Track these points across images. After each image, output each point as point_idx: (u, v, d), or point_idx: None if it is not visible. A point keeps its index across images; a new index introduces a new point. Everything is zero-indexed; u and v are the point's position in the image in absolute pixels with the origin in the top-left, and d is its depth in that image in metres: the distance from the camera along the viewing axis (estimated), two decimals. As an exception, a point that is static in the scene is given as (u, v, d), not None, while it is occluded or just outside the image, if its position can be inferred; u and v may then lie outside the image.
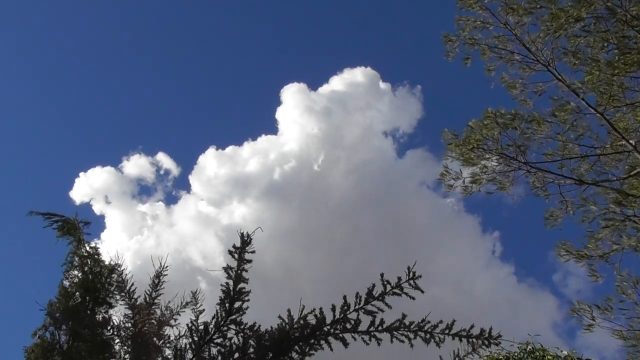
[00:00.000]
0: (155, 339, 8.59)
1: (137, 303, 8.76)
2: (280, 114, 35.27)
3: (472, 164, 13.12)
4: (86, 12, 37.72)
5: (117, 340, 8.67)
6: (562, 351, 11.26)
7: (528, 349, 11.22)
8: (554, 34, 12.57)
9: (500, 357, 10.86)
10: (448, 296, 28.88)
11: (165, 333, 8.69)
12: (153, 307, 8.80)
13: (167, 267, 9.02)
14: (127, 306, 8.76)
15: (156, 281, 8.95)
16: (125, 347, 8.57)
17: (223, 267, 6.03)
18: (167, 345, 8.60)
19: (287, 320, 5.64)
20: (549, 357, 11.03)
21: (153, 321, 8.64)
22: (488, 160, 12.87)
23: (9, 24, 35.76)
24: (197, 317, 7.64)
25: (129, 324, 8.62)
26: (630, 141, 11.78)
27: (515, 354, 11.23)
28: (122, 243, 30.56)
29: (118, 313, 9.05)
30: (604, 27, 12.15)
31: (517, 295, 33.17)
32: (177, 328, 8.68)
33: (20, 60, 37.27)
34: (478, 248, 34.40)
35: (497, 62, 13.52)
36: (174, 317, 8.77)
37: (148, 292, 8.86)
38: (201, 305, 8.33)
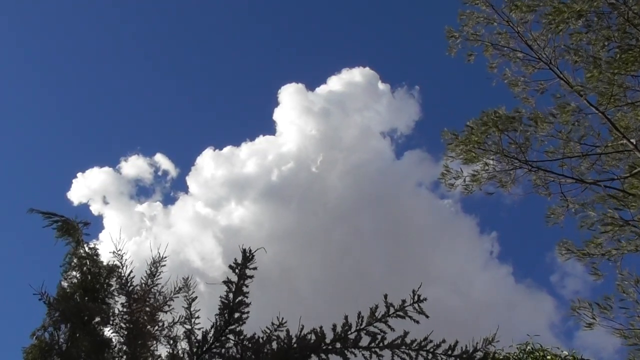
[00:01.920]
0: (149, 326, 8.57)
1: (134, 291, 8.72)
2: (278, 114, 35.07)
3: (473, 162, 13.07)
4: (85, 12, 37.55)
5: (112, 331, 8.65)
6: (562, 351, 11.33)
7: (527, 349, 11.27)
8: (555, 29, 12.47)
9: (500, 358, 10.89)
10: (446, 297, 28.94)
11: (159, 319, 8.67)
12: (149, 294, 8.77)
13: (165, 257, 8.98)
14: (124, 293, 8.72)
15: (153, 269, 8.90)
16: (121, 337, 8.56)
17: (223, 281, 5.99)
18: (162, 333, 8.59)
19: (285, 341, 5.60)
20: (549, 357, 11.07)
21: (147, 308, 8.63)
22: (489, 159, 12.82)
23: (7, 24, 35.57)
24: (189, 304, 7.62)
25: (125, 311, 8.60)
26: (631, 140, 11.72)
27: (515, 354, 11.28)
28: (120, 244, 30.32)
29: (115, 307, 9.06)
30: (606, 24, 12.07)
31: (514, 295, 33.24)
32: (170, 314, 8.66)
33: (18, 61, 37.08)
34: (476, 248, 34.42)
35: (500, 60, 13.47)
36: (167, 302, 8.74)
37: (144, 280, 8.81)
38: (193, 292, 8.29)
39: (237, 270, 5.87)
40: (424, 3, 39.12)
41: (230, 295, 6.08)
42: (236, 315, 6.31)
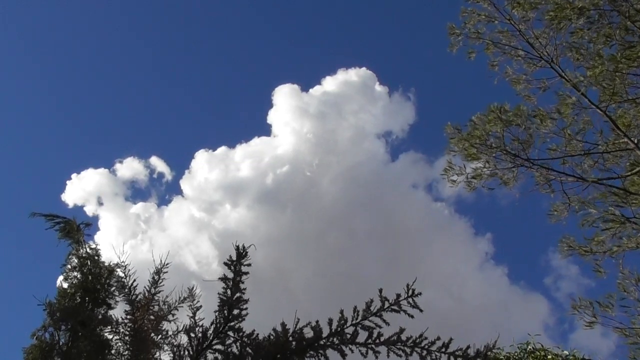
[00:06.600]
0: (153, 334, 8.60)
1: (137, 299, 8.76)
2: (273, 115, 34.84)
3: (475, 158, 13.02)
4: (81, 14, 37.72)
5: (116, 338, 8.68)
6: (562, 351, 11.31)
7: (528, 349, 11.26)
8: (557, 26, 12.44)
9: (501, 357, 10.88)
10: (441, 298, 28.88)
11: (163, 328, 8.70)
12: (152, 302, 8.80)
13: (167, 264, 9.03)
14: (126, 302, 8.75)
15: (156, 277, 8.94)
16: (124, 344, 8.58)
17: (220, 278, 6.02)
18: (165, 341, 8.62)
19: (281, 334, 5.62)
20: (550, 356, 11.06)
21: (151, 317, 8.66)
22: (490, 156, 12.77)
23: (4, 25, 35.60)
24: (194, 314, 7.65)
25: (128, 319, 8.62)
26: (632, 139, 11.68)
27: (516, 354, 11.27)
28: (116, 247, 30.13)
29: (117, 312, 9.09)
30: (607, 21, 12.04)
31: (509, 297, 33.12)
32: (175, 323, 8.70)
33: (14, 62, 37.19)
34: (471, 250, 34.29)
35: (501, 57, 13.41)
36: (171, 312, 8.77)
37: (147, 288, 8.85)
38: (198, 302, 8.33)
39: (232, 267, 5.89)
40: (423, 5, 39.03)
41: (228, 291, 6.11)
42: (235, 311, 6.33)
